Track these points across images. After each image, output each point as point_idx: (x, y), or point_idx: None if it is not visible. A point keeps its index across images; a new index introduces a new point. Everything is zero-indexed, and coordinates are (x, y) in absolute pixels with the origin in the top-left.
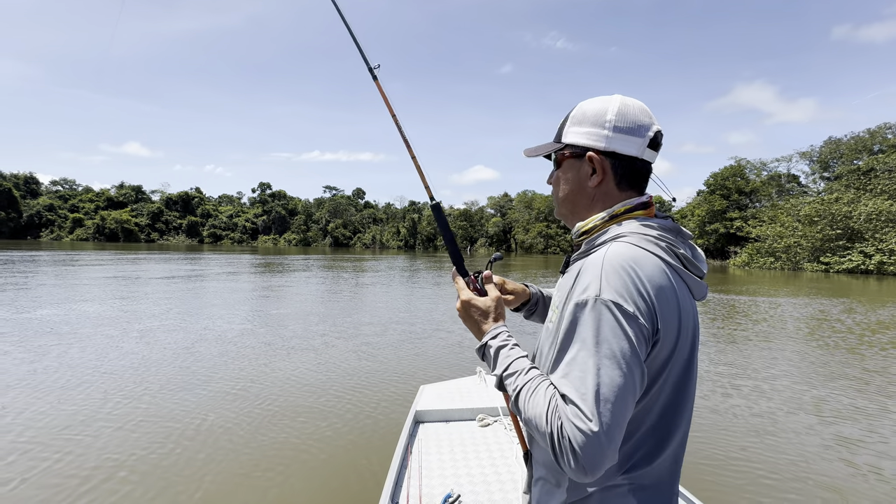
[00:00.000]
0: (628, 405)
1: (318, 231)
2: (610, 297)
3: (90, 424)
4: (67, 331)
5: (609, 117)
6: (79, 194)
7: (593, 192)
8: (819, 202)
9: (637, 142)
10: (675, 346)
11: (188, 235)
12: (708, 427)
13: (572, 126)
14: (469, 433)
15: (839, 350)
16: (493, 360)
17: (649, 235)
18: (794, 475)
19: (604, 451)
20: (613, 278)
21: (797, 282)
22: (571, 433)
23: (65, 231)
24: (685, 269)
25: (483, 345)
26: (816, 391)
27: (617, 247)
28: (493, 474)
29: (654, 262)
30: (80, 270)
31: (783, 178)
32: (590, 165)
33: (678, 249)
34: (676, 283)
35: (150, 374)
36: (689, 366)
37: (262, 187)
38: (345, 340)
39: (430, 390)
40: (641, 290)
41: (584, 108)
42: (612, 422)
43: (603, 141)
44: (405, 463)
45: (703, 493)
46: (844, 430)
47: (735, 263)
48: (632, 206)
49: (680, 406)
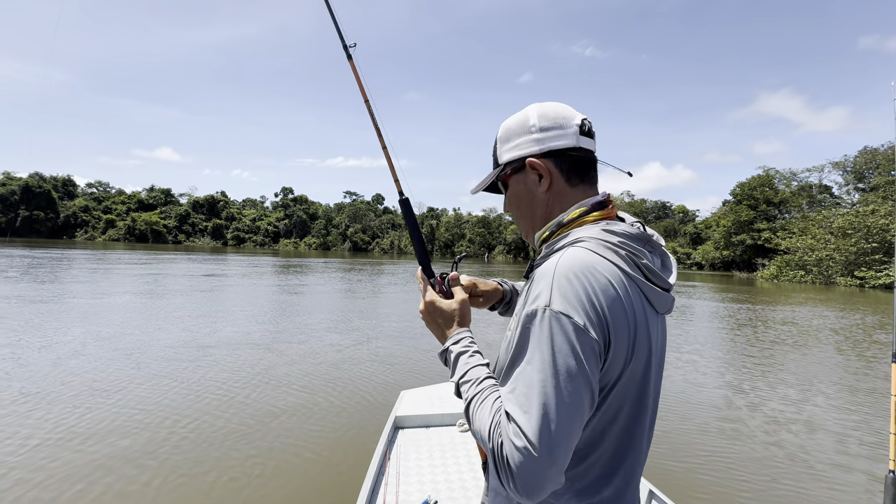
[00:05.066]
0: (574, 425)
1: (337, 235)
2: (559, 309)
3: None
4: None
5: (532, 122)
6: (112, 196)
7: (546, 197)
8: (854, 214)
9: (567, 132)
10: (628, 362)
11: (213, 237)
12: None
13: (503, 146)
14: (449, 439)
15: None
16: (452, 365)
17: (609, 242)
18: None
19: (544, 472)
20: (564, 286)
21: (832, 294)
22: (510, 453)
23: (98, 231)
24: (645, 281)
25: (445, 349)
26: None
27: (572, 252)
28: (471, 480)
29: (611, 269)
30: (132, 269)
31: (814, 189)
32: (534, 172)
33: (640, 259)
34: (634, 295)
35: (111, 378)
36: (645, 385)
37: (285, 192)
38: (330, 341)
39: (410, 395)
40: (594, 300)
41: (506, 125)
42: (554, 443)
43: (536, 145)
44: (383, 468)
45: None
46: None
47: (763, 276)
48: (588, 208)
49: (634, 428)
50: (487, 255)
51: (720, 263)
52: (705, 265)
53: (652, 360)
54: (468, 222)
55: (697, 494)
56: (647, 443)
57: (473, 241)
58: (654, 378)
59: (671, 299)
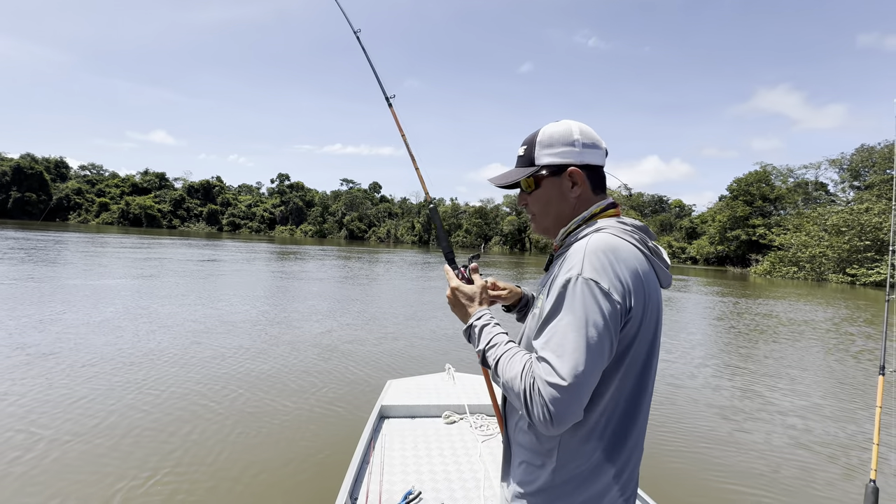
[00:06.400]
0: (596, 369)
1: (333, 223)
2: (590, 276)
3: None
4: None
5: (576, 137)
6: (105, 179)
7: (575, 202)
8: (848, 212)
9: (599, 153)
10: (641, 324)
11: (208, 223)
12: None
13: (544, 149)
14: (434, 430)
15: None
16: (477, 337)
17: (626, 228)
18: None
19: (570, 403)
20: (594, 260)
21: (822, 292)
22: (542, 387)
23: (91, 215)
24: (655, 259)
25: (469, 325)
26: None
27: (599, 235)
28: (455, 472)
29: (631, 249)
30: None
31: (810, 186)
32: (570, 179)
33: (648, 242)
34: (648, 270)
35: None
36: (653, 347)
37: (281, 178)
38: (320, 327)
39: (397, 385)
40: (618, 271)
41: (549, 132)
42: (581, 380)
43: (577, 157)
44: (367, 458)
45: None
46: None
47: (756, 272)
48: (605, 206)
49: (643, 384)
50: (484, 246)
51: (714, 258)
52: (700, 260)
53: (658, 325)
54: (465, 212)
55: (683, 497)
56: (650, 402)
57: (470, 232)
58: (658, 337)
59: (670, 276)
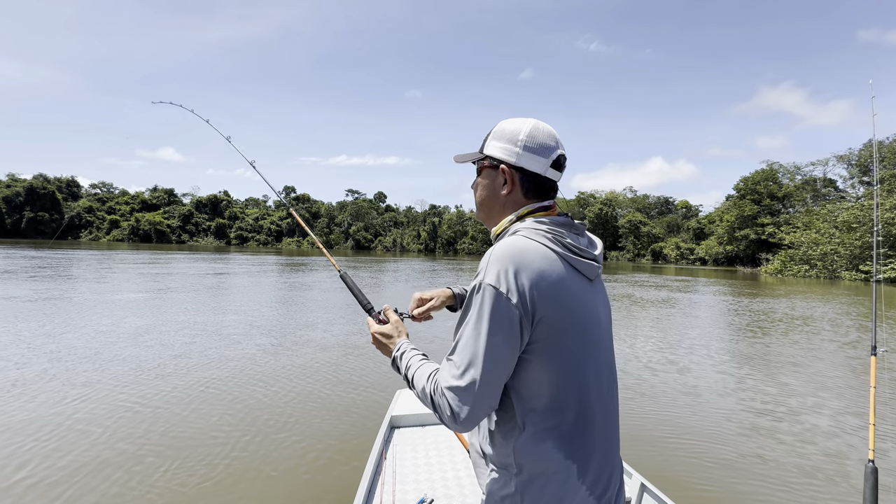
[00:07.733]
0: (494, 371)
1: (340, 234)
2: (490, 282)
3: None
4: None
5: (521, 137)
6: (115, 197)
7: (504, 200)
8: (858, 208)
9: (542, 161)
10: (557, 322)
11: (216, 237)
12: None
13: (492, 140)
14: (444, 438)
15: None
16: (399, 366)
17: (539, 229)
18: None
19: (469, 403)
20: (497, 265)
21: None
22: (444, 390)
23: (102, 232)
24: (570, 254)
25: (392, 359)
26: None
27: (507, 240)
28: (467, 478)
29: (539, 250)
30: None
31: (819, 183)
32: (502, 176)
33: (564, 238)
34: (562, 268)
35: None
36: (584, 343)
37: (287, 191)
38: (323, 340)
39: (406, 394)
40: (519, 275)
41: (503, 126)
42: (476, 383)
43: (514, 157)
44: (379, 468)
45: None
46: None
47: (767, 271)
48: (533, 209)
49: (584, 381)
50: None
51: (724, 259)
52: (709, 260)
53: (588, 320)
54: (470, 220)
55: (689, 487)
56: (609, 394)
57: (476, 238)
58: (593, 331)
59: (597, 267)
